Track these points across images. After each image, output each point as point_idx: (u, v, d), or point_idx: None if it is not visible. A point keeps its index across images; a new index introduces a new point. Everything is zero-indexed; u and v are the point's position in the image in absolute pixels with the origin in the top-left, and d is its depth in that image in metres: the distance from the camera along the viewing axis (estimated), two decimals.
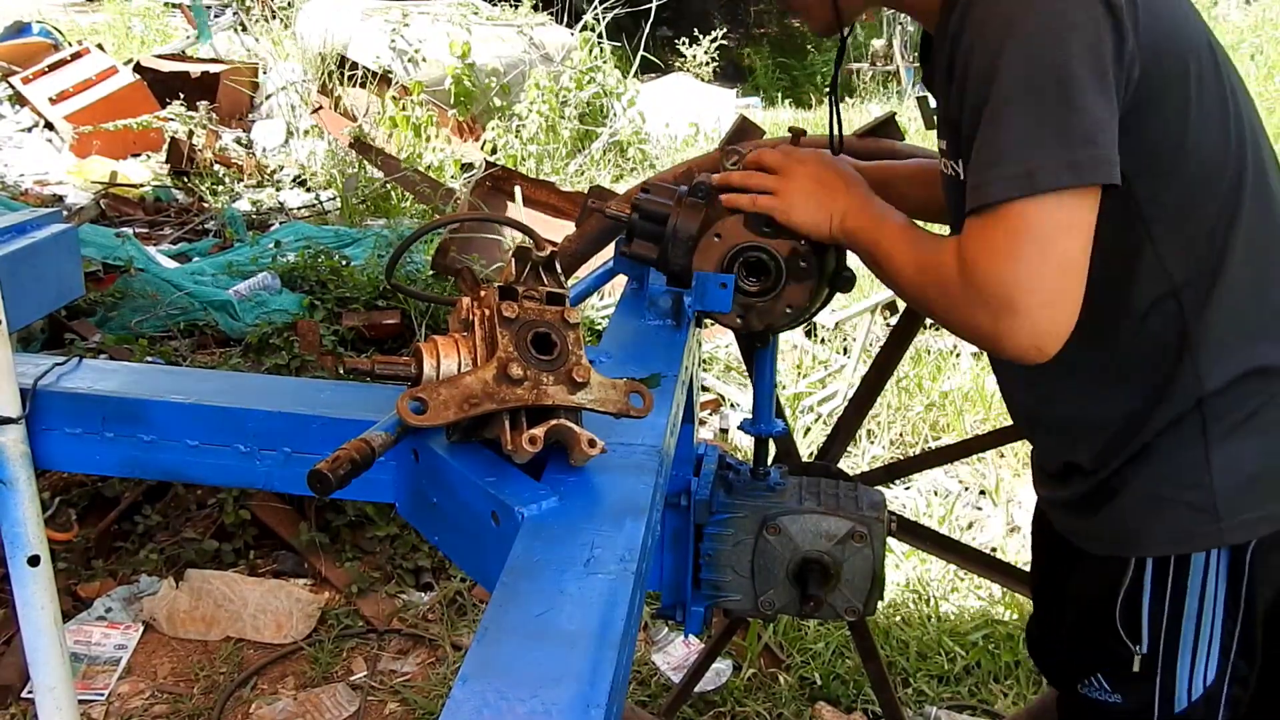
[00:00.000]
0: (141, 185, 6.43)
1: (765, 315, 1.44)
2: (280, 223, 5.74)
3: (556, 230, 4.76)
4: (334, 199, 6.29)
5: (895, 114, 2.01)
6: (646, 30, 8.73)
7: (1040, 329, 1.11)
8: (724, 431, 3.92)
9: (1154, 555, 1.33)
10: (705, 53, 9.74)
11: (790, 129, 1.51)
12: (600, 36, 8.27)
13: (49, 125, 7.33)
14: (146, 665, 2.72)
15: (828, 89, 1.54)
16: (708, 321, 1.62)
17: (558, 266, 1.14)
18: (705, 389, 4.13)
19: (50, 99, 7.35)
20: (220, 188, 6.50)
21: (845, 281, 1.47)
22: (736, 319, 1.45)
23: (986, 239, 1.12)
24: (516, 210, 5.09)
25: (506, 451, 1.02)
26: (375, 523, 3.14)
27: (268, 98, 8.01)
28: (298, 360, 3.56)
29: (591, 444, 1.02)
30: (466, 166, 6.48)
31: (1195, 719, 1.38)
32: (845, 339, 4.48)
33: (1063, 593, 1.52)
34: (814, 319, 1.52)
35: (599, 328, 4.00)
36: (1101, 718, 1.45)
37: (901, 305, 2.15)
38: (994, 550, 3.21)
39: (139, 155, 7.02)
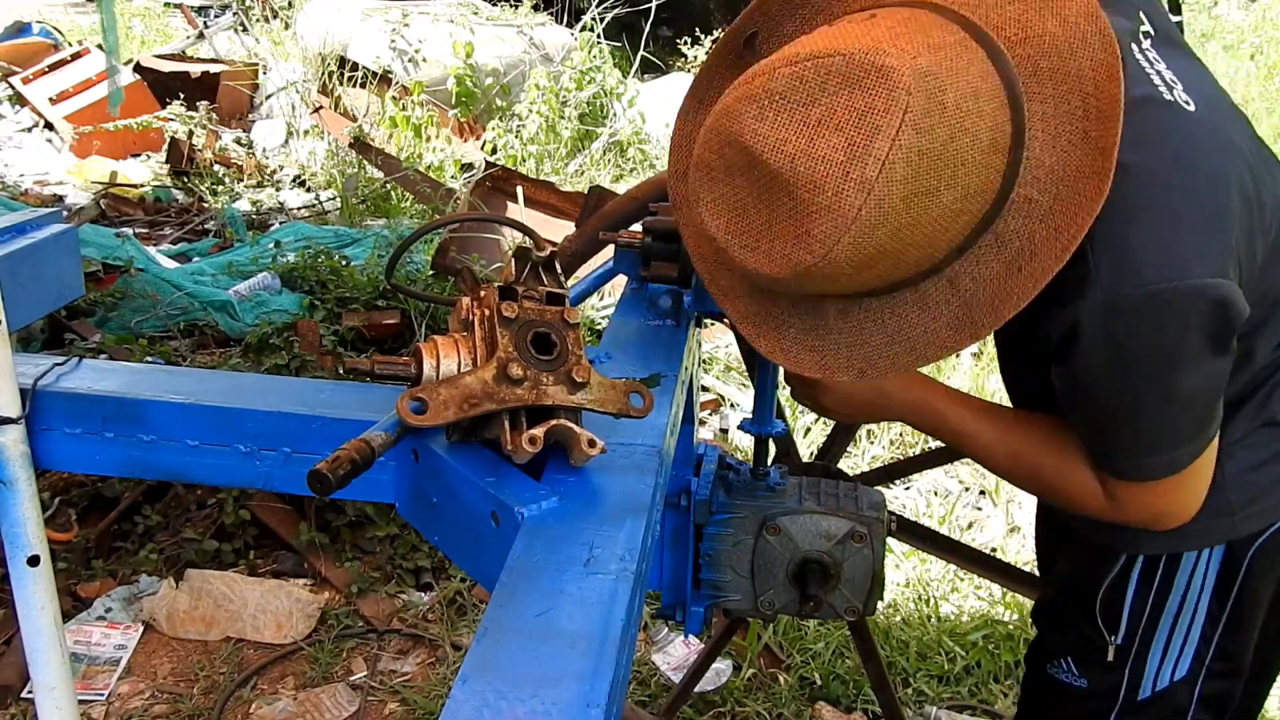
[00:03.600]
0: (141, 185, 6.43)
1: None
2: (280, 223, 5.74)
3: (556, 230, 4.76)
4: (334, 199, 6.29)
5: None
6: (647, 30, 8.73)
7: (1171, 526, 1.26)
8: (724, 431, 3.92)
9: (1149, 554, 1.35)
10: (705, 53, 9.73)
11: None
12: (600, 36, 8.27)
13: (49, 125, 7.33)
14: (146, 665, 2.72)
15: None
16: (708, 321, 1.62)
17: (558, 266, 1.14)
18: (705, 389, 4.13)
19: (50, 99, 7.34)
20: (220, 188, 6.50)
21: None
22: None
23: (1137, 497, 1.23)
24: (517, 210, 5.09)
25: (506, 451, 1.02)
26: (375, 523, 3.14)
27: (268, 98, 8.00)
28: (298, 360, 3.56)
29: (591, 444, 1.02)
30: (466, 166, 6.48)
31: (1161, 707, 1.41)
32: None
33: (1048, 571, 1.57)
34: None
35: (599, 328, 4.00)
36: (1063, 698, 1.48)
37: None
38: (994, 550, 3.21)
39: (139, 155, 7.02)
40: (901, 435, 3.86)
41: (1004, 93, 1.00)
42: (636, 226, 1.68)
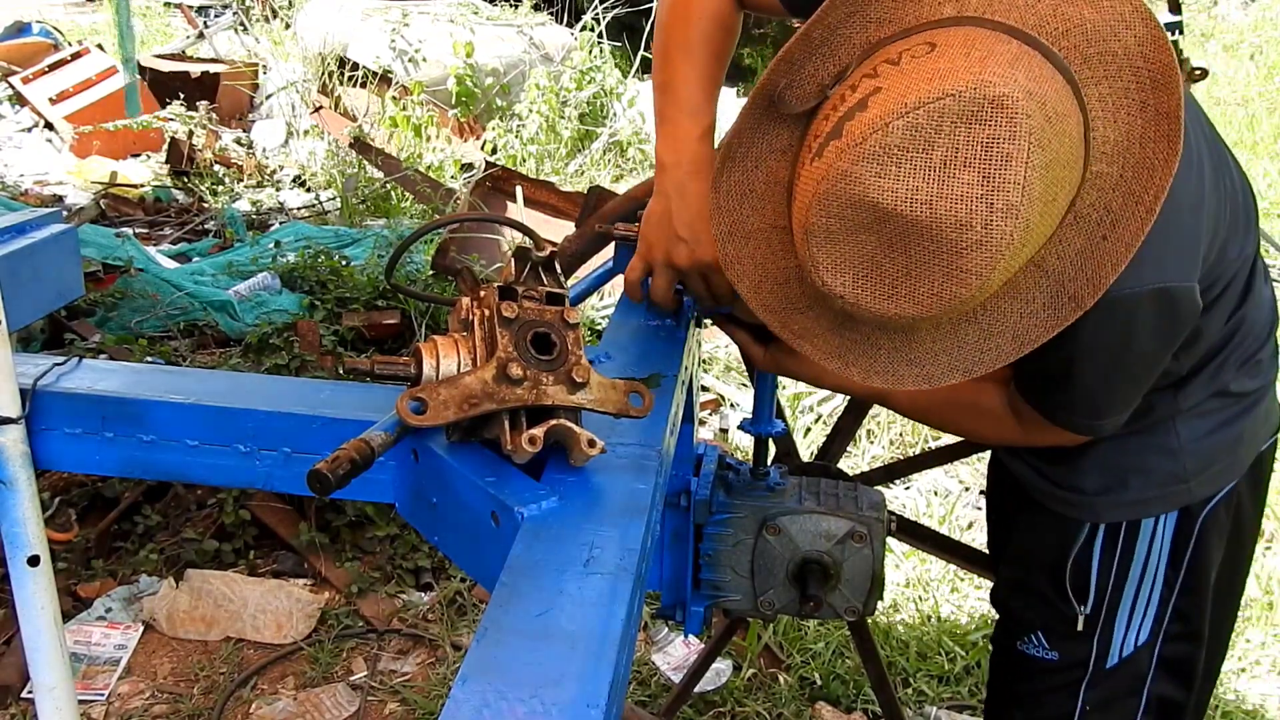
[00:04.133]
0: (141, 185, 6.43)
1: None
2: (280, 223, 5.74)
3: (556, 230, 4.76)
4: (334, 199, 6.28)
5: None
6: (647, 30, 8.73)
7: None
8: (724, 431, 3.92)
9: (1109, 521, 1.43)
10: None
11: None
12: (600, 36, 8.27)
13: (49, 125, 7.33)
14: (146, 665, 2.72)
15: None
16: (707, 321, 1.62)
17: (558, 266, 1.14)
18: (705, 389, 4.13)
19: (50, 99, 7.34)
20: (220, 188, 6.49)
21: None
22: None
23: (1051, 432, 1.35)
24: (517, 210, 5.09)
25: (506, 451, 1.02)
26: (375, 523, 3.14)
27: (268, 98, 8.00)
28: (298, 360, 3.56)
29: (591, 444, 1.02)
30: (466, 166, 6.48)
31: (1125, 674, 1.47)
32: None
33: (1009, 547, 1.61)
34: None
35: (599, 328, 4.00)
36: (1033, 673, 1.53)
37: None
38: None
39: (139, 155, 7.02)
40: (901, 435, 3.86)
41: (1068, 86, 1.04)
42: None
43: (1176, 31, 4.97)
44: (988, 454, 1.73)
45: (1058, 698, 1.51)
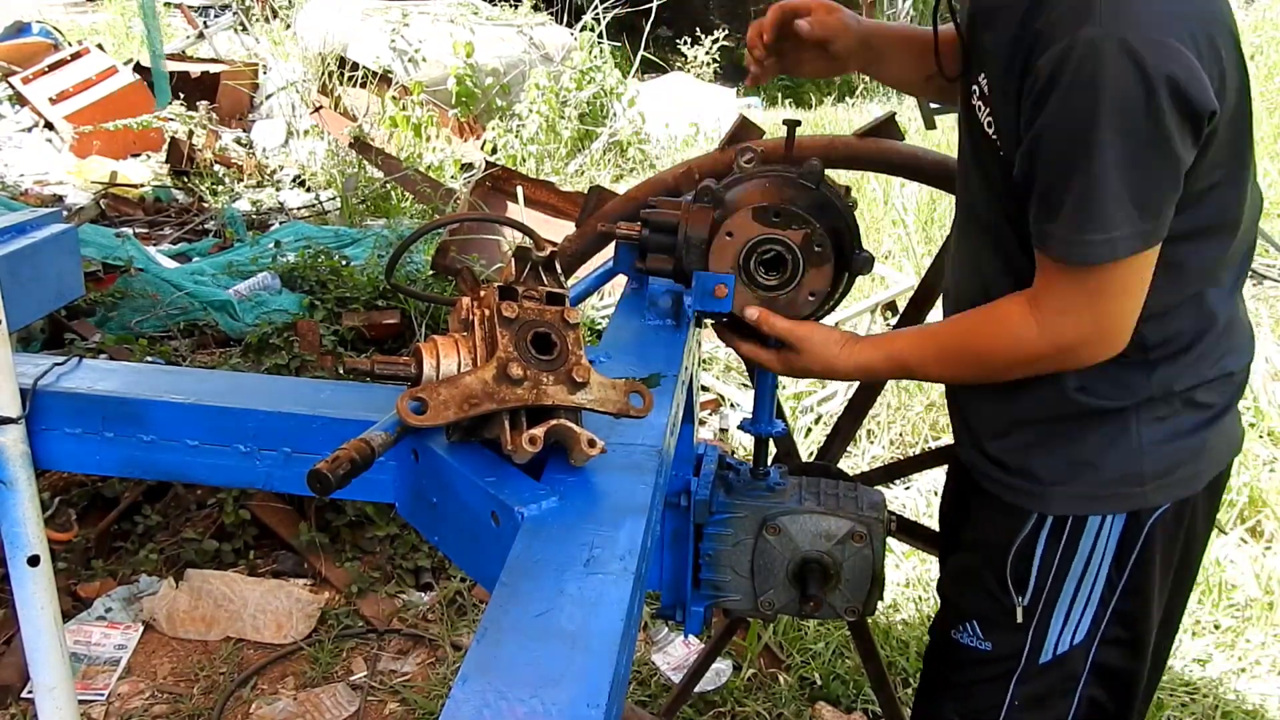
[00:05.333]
0: (141, 185, 6.43)
1: (789, 307, 1.44)
2: (280, 223, 5.74)
3: (556, 230, 4.76)
4: (334, 199, 6.29)
5: (895, 114, 2.01)
6: (647, 30, 8.73)
7: (1098, 357, 1.30)
8: (724, 431, 3.92)
9: (1057, 514, 1.41)
10: (706, 53, 9.74)
11: (785, 121, 1.51)
12: (600, 36, 8.27)
13: (49, 125, 7.33)
14: (146, 665, 2.72)
15: (832, 84, 1.60)
16: (708, 321, 1.62)
17: (558, 266, 1.14)
18: (705, 389, 4.13)
19: (50, 99, 7.34)
20: (220, 188, 6.50)
21: (863, 262, 1.46)
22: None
23: (1068, 297, 1.28)
24: (517, 210, 5.09)
25: (506, 451, 1.02)
26: (375, 523, 3.14)
27: (268, 98, 8.01)
28: (298, 360, 3.56)
29: (591, 444, 1.02)
30: (466, 166, 6.48)
31: (1057, 672, 1.46)
32: None
33: (958, 536, 1.60)
34: (837, 304, 1.52)
35: (599, 328, 4.00)
36: (965, 663, 1.53)
37: (901, 305, 2.15)
38: None
39: (139, 155, 7.02)
40: (901, 435, 3.87)
41: None
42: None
43: None
44: None
45: (988, 689, 1.51)
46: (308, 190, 6.64)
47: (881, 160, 1.95)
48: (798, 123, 1.52)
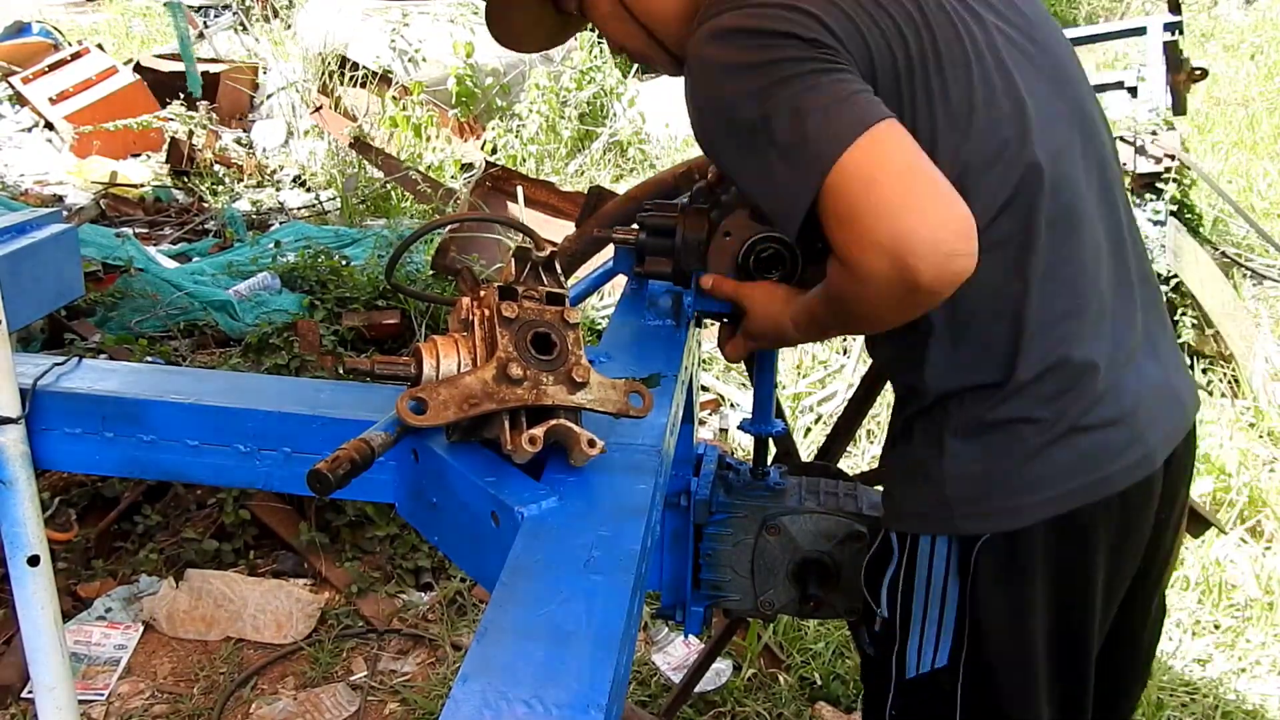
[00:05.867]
0: (141, 185, 6.43)
1: None
2: (280, 223, 5.75)
3: (556, 230, 4.76)
4: (334, 199, 6.29)
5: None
6: None
7: (934, 236, 1.04)
8: (724, 431, 3.92)
9: (896, 529, 1.36)
10: None
11: None
12: (601, 36, 8.26)
13: (49, 125, 7.33)
14: (146, 665, 2.72)
15: None
16: (708, 321, 1.62)
17: (558, 266, 1.14)
18: (705, 389, 4.13)
19: (50, 99, 7.35)
20: (220, 188, 6.50)
21: None
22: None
23: (835, 210, 1.09)
24: (517, 210, 5.09)
25: (506, 451, 1.02)
26: (375, 523, 3.14)
27: (268, 98, 8.01)
28: (298, 360, 3.56)
29: (591, 444, 1.02)
30: (466, 166, 6.48)
31: (926, 691, 1.38)
32: (845, 338, 4.48)
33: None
34: None
35: (599, 328, 4.00)
36: (865, 663, 1.52)
37: None
38: None
39: (139, 155, 7.02)
40: None
41: None
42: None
43: (1176, 31, 4.98)
44: None
45: (874, 692, 1.47)
46: (308, 190, 6.64)
47: None
48: None
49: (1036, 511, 1.26)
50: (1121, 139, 4.33)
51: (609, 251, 1.70)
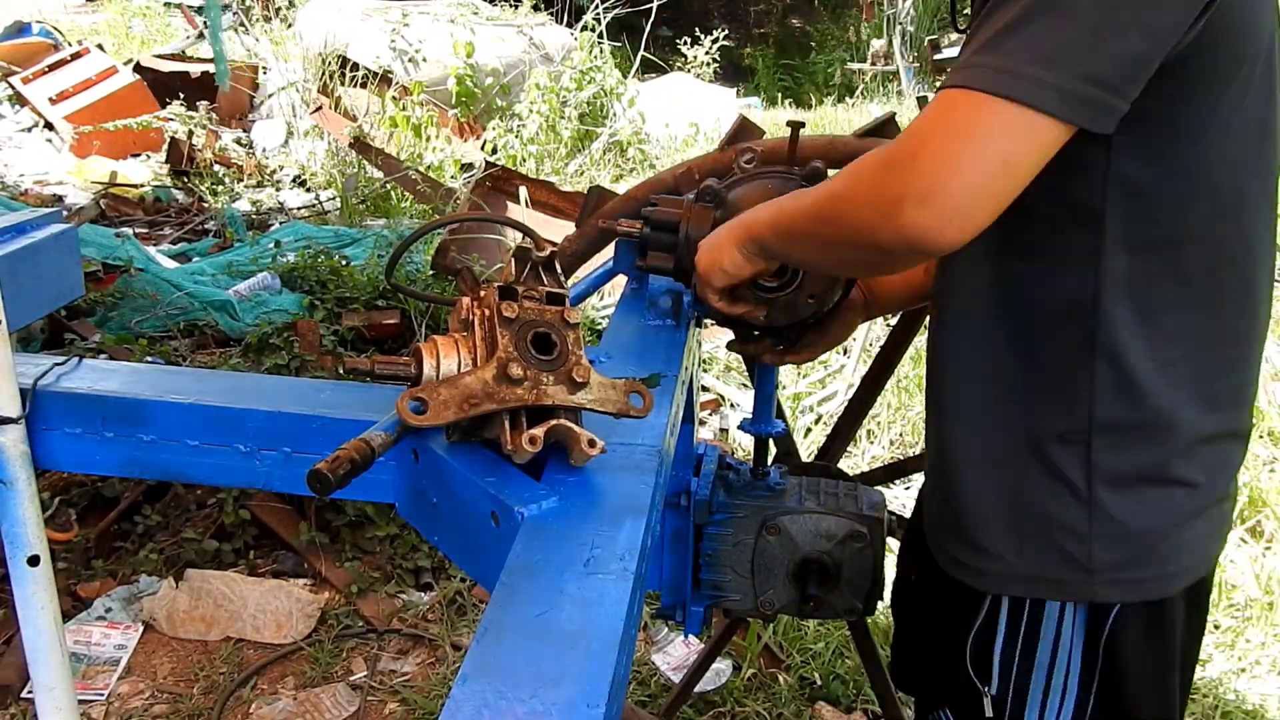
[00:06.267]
0: (141, 185, 6.44)
1: (789, 310, 1.43)
2: (280, 223, 5.75)
3: (556, 230, 4.76)
4: (334, 199, 6.29)
5: (895, 114, 2.01)
6: (647, 30, 8.73)
7: (953, 211, 0.95)
8: (724, 431, 3.92)
9: (1009, 594, 1.21)
10: (706, 53, 9.75)
11: (789, 123, 1.51)
12: (600, 36, 8.27)
13: (49, 125, 7.34)
14: (146, 665, 2.72)
15: (832, 85, 1.54)
16: (708, 321, 1.62)
17: (558, 266, 1.14)
18: (705, 389, 4.13)
19: (50, 99, 7.35)
20: (220, 188, 6.50)
21: None
22: (760, 319, 1.44)
23: (942, 112, 0.98)
24: (517, 210, 5.09)
25: (506, 451, 1.02)
26: (375, 523, 3.14)
27: (268, 98, 8.01)
28: (298, 360, 3.56)
29: (591, 444, 1.02)
30: (466, 166, 6.49)
31: None
32: (844, 341, 4.47)
33: (925, 607, 1.40)
34: (837, 307, 1.50)
35: (599, 328, 4.00)
36: None
37: None
38: None
39: (139, 155, 7.02)
40: (901, 435, 3.87)
41: None
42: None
43: None
44: None
45: None
46: (308, 190, 6.64)
47: None
48: (802, 124, 1.52)
49: (1180, 581, 1.19)
50: None
51: (609, 251, 1.70)
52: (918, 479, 3.56)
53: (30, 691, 1.97)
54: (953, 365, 1.23)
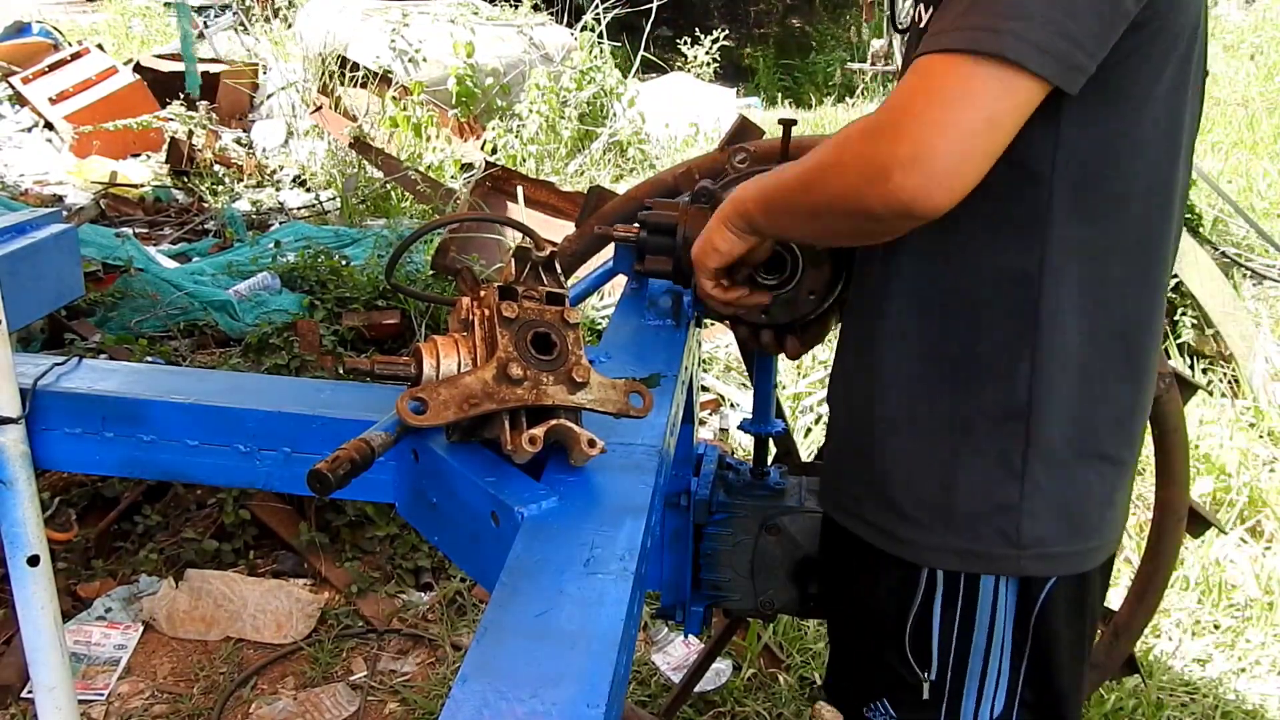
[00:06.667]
0: (141, 185, 6.43)
1: (790, 307, 1.43)
2: (280, 223, 5.75)
3: (556, 230, 4.76)
4: (334, 199, 6.29)
5: None
6: (647, 30, 8.74)
7: (940, 173, 0.96)
8: (724, 431, 3.92)
9: (944, 568, 1.20)
10: (706, 53, 9.75)
11: (780, 121, 1.51)
12: (600, 36, 8.28)
13: (49, 125, 7.34)
14: (146, 665, 2.72)
15: (832, 85, 1.54)
16: (708, 321, 1.62)
17: (558, 266, 1.14)
18: (705, 389, 4.13)
19: (50, 99, 7.35)
20: (220, 188, 6.50)
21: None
22: (760, 315, 1.43)
23: (907, 84, 1.00)
24: (517, 210, 5.10)
25: (506, 451, 1.02)
26: (375, 523, 3.15)
27: (268, 98, 8.01)
28: (298, 360, 3.56)
29: (591, 444, 1.02)
30: (466, 166, 6.48)
31: None
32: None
33: (853, 597, 1.36)
34: (837, 303, 1.49)
35: (599, 328, 4.00)
36: None
37: None
38: None
39: (139, 155, 7.02)
40: None
41: None
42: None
43: None
44: None
45: None
46: (308, 190, 6.64)
47: None
48: (793, 122, 1.52)
49: (1103, 555, 1.22)
50: None
51: (609, 251, 1.70)
52: None
53: (30, 691, 1.97)
54: (894, 333, 1.21)
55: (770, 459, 1.73)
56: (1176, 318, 4.10)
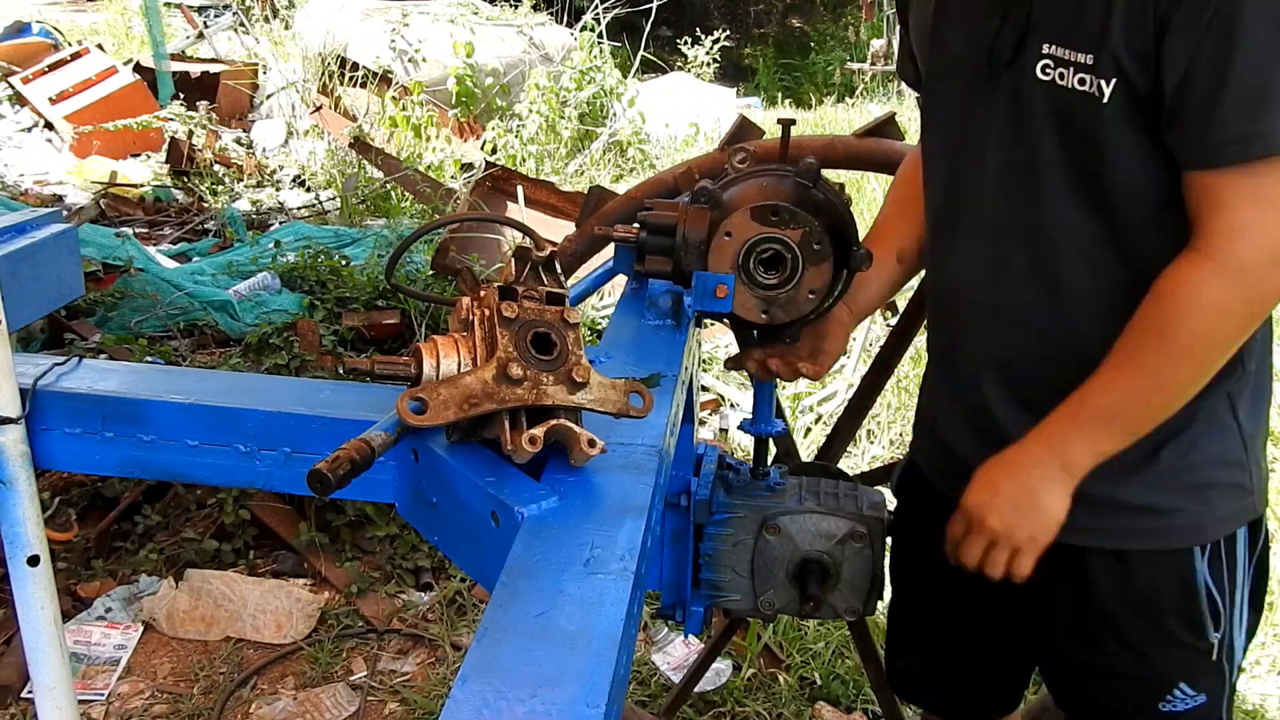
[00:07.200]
0: (141, 185, 6.43)
1: (789, 306, 1.43)
2: (280, 223, 5.74)
3: (556, 230, 4.76)
4: (334, 199, 6.29)
5: (895, 114, 2.01)
6: (647, 30, 8.74)
7: None
8: (724, 431, 3.92)
9: (1212, 540, 1.33)
10: (706, 53, 9.75)
11: (779, 120, 1.51)
12: (600, 36, 8.28)
13: (49, 125, 7.33)
14: (146, 665, 2.72)
15: (832, 85, 1.57)
16: (708, 321, 1.62)
17: (558, 266, 1.14)
18: (705, 389, 4.13)
19: (50, 99, 7.35)
20: (220, 188, 6.50)
21: (862, 259, 1.44)
22: (761, 315, 1.43)
23: (1239, 211, 1.09)
24: (517, 210, 5.09)
25: (506, 451, 1.02)
26: (375, 523, 3.15)
27: (268, 98, 8.01)
28: (298, 360, 3.56)
29: (591, 444, 1.02)
30: (466, 166, 6.48)
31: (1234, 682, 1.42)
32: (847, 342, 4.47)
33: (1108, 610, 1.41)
34: (838, 302, 1.49)
35: (599, 328, 4.00)
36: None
37: (902, 305, 2.16)
38: None
39: (139, 155, 7.02)
40: (901, 435, 3.86)
41: None
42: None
43: None
44: None
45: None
46: (308, 190, 6.64)
47: (881, 160, 1.95)
48: (792, 121, 1.52)
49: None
50: None
51: (609, 251, 1.70)
52: None
53: (30, 691, 1.97)
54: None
55: (770, 459, 1.73)
56: None
